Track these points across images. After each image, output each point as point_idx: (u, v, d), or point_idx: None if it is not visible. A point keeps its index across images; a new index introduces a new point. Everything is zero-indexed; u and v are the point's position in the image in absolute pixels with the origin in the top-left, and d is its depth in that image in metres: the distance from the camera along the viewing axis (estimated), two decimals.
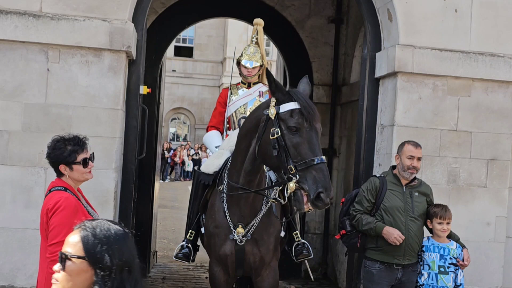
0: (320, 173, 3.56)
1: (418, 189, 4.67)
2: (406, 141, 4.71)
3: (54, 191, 3.40)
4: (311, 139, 3.65)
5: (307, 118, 3.66)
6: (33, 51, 4.95)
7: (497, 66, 5.59)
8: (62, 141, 3.45)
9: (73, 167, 3.42)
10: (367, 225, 4.55)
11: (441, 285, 4.54)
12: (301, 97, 3.76)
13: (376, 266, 4.60)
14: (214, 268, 4.47)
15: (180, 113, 34.77)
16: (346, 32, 8.51)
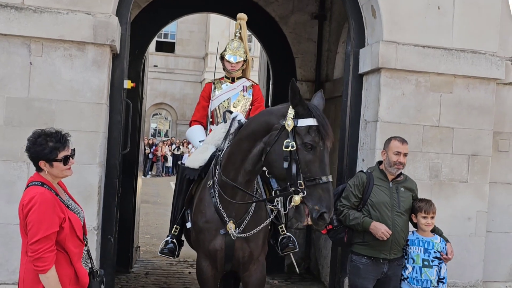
0: (326, 193, 3.62)
1: (404, 184, 4.72)
2: (392, 137, 4.74)
3: (30, 186, 3.35)
4: (323, 158, 3.69)
5: (323, 136, 3.69)
6: (15, 44, 4.88)
7: (478, 63, 5.66)
8: (44, 136, 3.37)
9: (53, 164, 3.35)
10: (354, 220, 4.58)
11: (425, 278, 4.60)
12: (320, 115, 3.76)
13: (363, 260, 4.63)
14: (202, 262, 4.44)
15: (161, 109, 34.61)
16: (329, 28, 8.55)
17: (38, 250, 3.18)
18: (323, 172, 3.65)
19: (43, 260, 3.18)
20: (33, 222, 3.20)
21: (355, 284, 4.71)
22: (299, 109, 3.76)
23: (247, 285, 4.48)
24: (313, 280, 8.11)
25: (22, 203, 3.29)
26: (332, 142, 3.78)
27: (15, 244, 4.87)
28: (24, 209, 3.26)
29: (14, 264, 4.88)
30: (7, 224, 4.88)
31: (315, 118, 3.71)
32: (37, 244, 3.18)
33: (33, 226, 3.20)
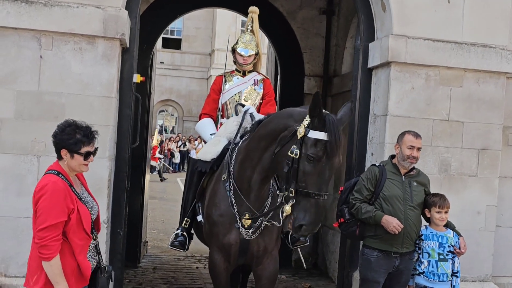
0: (313, 208, 3.58)
1: (417, 178, 4.70)
2: (406, 131, 4.72)
3: (47, 174, 3.38)
4: (323, 173, 3.65)
5: (328, 153, 3.63)
6: (25, 38, 4.89)
7: (488, 57, 5.64)
8: (74, 127, 3.39)
9: (74, 156, 3.36)
10: (366, 214, 4.56)
11: (441, 272, 4.59)
12: (333, 131, 3.66)
13: (374, 254, 4.61)
14: (215, 256, 4.43)
15: (168, 105, 34.63)
16: (337, 23, 8.53)
17: (44, 237, 3.22)
18: (318, 188, 3.62)
19: (48, 248, 3.21)
20: (42, 210, 3.24)
21: (366, 277, 4.70)
22: (314, 121, 3.71)
23: (260, 278, 4.47)
24: (321, 275, 8.11)
25: (35, 190, 3.32)
26: (339, 162, 3.71)
27: (25, 237, 4.89)
28: (35, 195, 3.30)
29: (24, 257, 4.86)
30: (17, 217, 4.90)
31: (326, 133, 3.65)
32: (45, 231, 3.21)
33: (42, 214, 3.24)
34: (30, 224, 4.82)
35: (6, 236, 4.89)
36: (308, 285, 7.55)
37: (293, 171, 3.67)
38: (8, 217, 4.88)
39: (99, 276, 3.50)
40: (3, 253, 4.91)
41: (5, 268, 4.90)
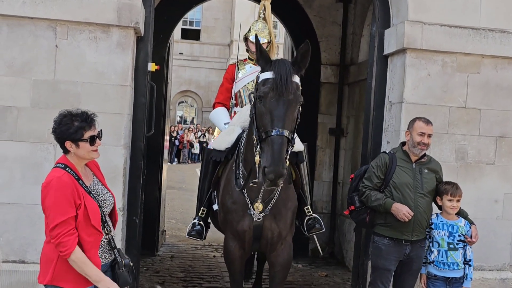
0: (270, 147, 3.49)
1: (428, 165, 4.67)
2: (417, 118, 4.69)
3: (54, 168, 3.32)
4: (273, 110, 3.59)
5: (276, 88, 3.60)
6: (41, 27, 4.94)
7: (507, 43, 5.54)
8: (69, 116, 3.32)
9: (79, 144, 3.28)
10: (376, 201, 4.55)
11: (451, 261, 4.57)
12: (281, 67, 3.66)
13: (385, 241, 4.61)
14: (230, 243, 4.45)
15: (187, 96, 34.75)
16: (354, 11, 8.46)
17: (57, 235, 3.16)
18: (272, 124, 3.54)
19: (63, 245, 3.15)
20: (49, 209, 3.19)
21: (377, 265, 4.69)
22: (261, 63, 3.78)
23: (274, 265, 4.48)
24: (337, 265, 8.11)
25: (42, 187, 3.27)
26: (293, 93, 3.63)
27: (43, 224, 4.86)
28: (42, 193, 3.25)
29: (41, 243, 4.94)
30: (34, 205, 4.94)
31: (272, 71, 3.66)
32: (56, 229, 3.16)
33: (50, 213, 3.19)
34: None
35: (24, 223, 4.96)
36: (324, 274, 7.56)
37: (253, 119, 3.73)
38: (25, 205, 4.95)
39: (117, 272, 3.41)
40: (21, 240, 4.99)
41: (23, 255, 4.98)
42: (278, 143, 3.48)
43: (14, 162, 4.95)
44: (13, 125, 4.93)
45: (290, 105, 3.63)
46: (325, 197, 8.59)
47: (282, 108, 3.59)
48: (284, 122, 3.56)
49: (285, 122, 3.57)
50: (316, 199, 8.50)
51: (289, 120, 3.61)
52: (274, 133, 3.50)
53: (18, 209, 4.95)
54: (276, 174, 3.43)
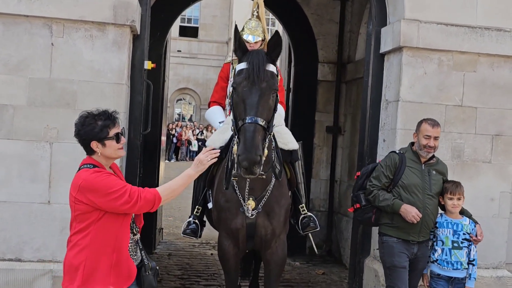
0: (242, 135, 3.50)
1: (436, 167, 4.63)
2: (424, 119, 4.65)
3: (82, 169, 3.20)
4: (246, 98, 3.62)
5: (248, 76, 3.63)
6: (37, 26, 4.93)
7: (503, 41, 5.54)
8: (91, 116, 3.23)
9: (106, 143, 3.19)
10: (384, 202, 4.50)
11: (454, 260, 4.54)
12: (254, 57, 3.70)
13: (394, 239, 4.56)
14: (224, 241, 4.45)
15: (185, 94, 34.74)
16: (351, 9, 8.46)
17: (133, 201, 3.06)
18: (245, 112, 3.57)
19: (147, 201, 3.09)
20: (102, 189, 3.07)
21: (392, 263, 4.57)
22: (238, 54, 3.82)
23: (269, 263, 4.48)
24: (335, 262, 8.12)
25: (79, 184, 3.11)
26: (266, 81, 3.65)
27: (39, 222, 4.98)
28: (79, 190, 3.09)
29: (38, 241, 4.99)
30: (31, 203, 4.97)
31: (246, 62, 3.70)
32: (119, 198, 3.05)
33: (105, 186, 3.06)
34: (44, 209, 4.96)
35: (20, 221, 4.96)
36: (321, 272, 7.57)
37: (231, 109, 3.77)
38: (22, 203, 4.95)
39: (143, 274, 3.36)
40: (18, 238, 4.99)
41: (20, 253, 4.98)
42: (251, 130, 3.50)
43: (11, 160, 4.95)
44: (9, 123, 4.93)
45: (264, 93, 3.67)
46: (322, 195, 8.61)
47: (255, 96, 3.62)
48: (257, 110, 3.59)
49: (258, 109, 3.60)
50: (314, 197, 8.52)
51: (263, 108, 3.64)
52: (247, 121, 3.54)
53: (15, 207, 4.96)
54: (249, 161, 3.42)
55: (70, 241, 3.20)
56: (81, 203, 3.11)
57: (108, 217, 3.13)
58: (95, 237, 3.12)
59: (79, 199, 3.11)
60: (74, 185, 3.15)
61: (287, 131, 4.84)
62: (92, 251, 3.11)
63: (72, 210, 3.19)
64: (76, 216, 3.16)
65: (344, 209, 8.24)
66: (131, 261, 3.29)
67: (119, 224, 3.18)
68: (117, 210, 3.12)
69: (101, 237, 3.13)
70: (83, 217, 3.13)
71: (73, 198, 3.14)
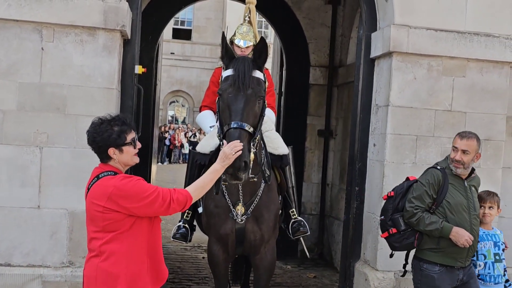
0: (228, 140, 3.50)
1: (473, 182, 4.27)
2: (460, 132, 4.31)
3: (104, 177, 3.10)
4: (231, 104, 3.64)
5: (234, 83, 3.67)
6: (27, 30, 4.92)
7: (492, 47, 5.58)
8: (107, 122, 3.14)
9: (123, 149, 3.12)
10: (432, 225, 4.03)
11: (497, 274, 4.30)
12: (239, 64, 3.73)
13: (436, 269, 4.11)
14: (214, 247, 4.45)
15: (178, 96, 34.72)
16: (343, 13, 8.49)
17: (165, 203, 3.03)
18: (230, 118, 3.60)
19: (178, 202, 3.07)
20: (136, 191, 3.01)
21: None
22: (225, 61, 3.87)
23: (258, 268, 4.50)
24: (326, 266, 8.14)
25: (109, 192, 3.00)
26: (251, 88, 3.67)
27: (29, 227, 4.97)
28: (115, 193, 3.00)
29: (28, 246, 4.98)
30: (21, 208, 4.96)
31: (232, 68, 3.73)
32: (153, 201, 3.01)
33: (138, 191, 3.01)
34: (34, 214, 4.95)
35: (10, 226, 4.95)
36: (313, 275, 7.59)
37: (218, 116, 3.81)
38: (11, 208, 4.94)
39: None
40: (8, 243, 4.98)
41: (9, 258, 4.97)
42: (235, 136, 3.51)
43: (0, 165, 4.94)
44: None
45: (249, 100, 3.68)
46: (314, 199, 8.63)
47: (240, 102, 3.64)
48: (242, 116, 3.60)
49: (243, 115, 3.61)
50: (305, 200, 8.54)
51: (248, 114, 3.65)
52: (232, 126, 3.55)
53: (4, 212, 4.94)
54: (234, 167, 3.41)
55: (101, 251, 3.08)
56: (113, 211, 3.03)
57: (140, 222, 3.09)
58: (130, 244, 3.07)
59: (110, 208, 3.02)
60: (101, 195, 3.05)
61: (277, 136, 4.85)
62: (129, 258, 3.07)
63: (98, 220, 3.07)
64: (105, 226, 3.05)
65: (335, 212, 8.27)
66: (163, 263, 3.28)
67: (150, 227, 3.15)
68: (151, 214, 3.10)
69: (136, 243, 3.09)
70: (115, 226, 3.05)
71: (101, 208, 3.03)
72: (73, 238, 5.02)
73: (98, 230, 3.08)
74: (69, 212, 5.00)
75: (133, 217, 3.07)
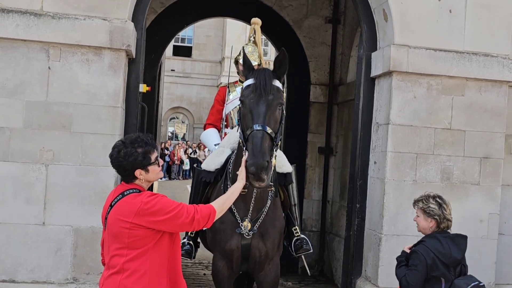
0: (251, 141, 3.59)
1: None
2: None
3: (130, 194, 3.15)
4: (253, 109, 3.73)
5: (255, 89, 3.77)
6: (34, 50, 5.02)
7: (490, 66, 5.68)
8: (130, 145, 3.19)
9: (149, 169, 3.19)
10: None
11: None
12: (261, 74, 3.85)
13: None
14: (219, 263, 4.49)
15: (178, 113, 34.86)
16: (343, 32, 8.61)
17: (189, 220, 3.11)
18: (253, 121, 3.68)
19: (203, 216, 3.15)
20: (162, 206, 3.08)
21: None
22: (245, 73, 3.97)
23: (262, 285, 4.52)
24: (327, 283, 8.15)
25: (137, 208, 3.06)
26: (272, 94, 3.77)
27: (34, 244, 5.02)
28: (143, 209, 3.07)
29: (32, 263, 5.02)
30: (26, 225, 5.01)
31: (253, 78, 3.84)
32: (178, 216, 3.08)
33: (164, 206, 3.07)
34: (39, 231, 5.01)
35: (15, 242, 5.00)
36: None
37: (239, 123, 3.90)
38: (17, 224, 5.00)
39: None
40: (13, 259, 5.02)
41: (14, 274, 5.01)
42: (258, 136, 3.58)
43: (6, 182, 5.00)
44: (5, 145, 4.99)
45: (270, 104, 3.77)
46: (314, 215, 8.67)
47: (262, 107, 3.73)
48: (264, 119, 3.69)
49: (265, 119, 3.69)
50: (306, 217, 8.58)
51: (269, 118, 3.73)
52: (255, 128, 3.63)
53: (10, 228, 4.99)
54: (257, 166, 3.46)
55: (124, 268, 3.11)
56: (141, 227, 3.08)
57: (162, 239, 3.15)
58: (153, 262, 3.12)
59: (138, 224, 3.07)
60: (128, 211, 3.10)
61: (281, 154, 4.92)
62: (152, 275, 3.12)
63: (124, 237, 3.10)
64: (130, 243, 3.10)
65: (336, 229, 8.31)
66: (182, 279, 3.31)
67: (171, 244, 3.21)
68: (177, 227, 3.15)
69: (158, 260, 3.14)
70: (140, 243, 3.10)
71: (128, 224, 3.08)
72: (78, 254, 5.07)
73: (123, 247, 3.11)
74: (74, 229, 5.05)
75: (158, 234, 3.13)
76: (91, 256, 5.04)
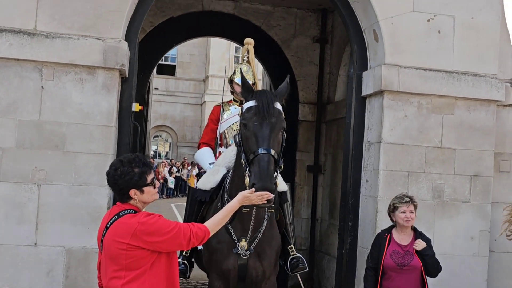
0: (256, 164, 3.63)
1: None
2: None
3: (126, 215, 3.13)
4: (258, 132, 3.77)
5: (259, 112, 3.81)
6: (27, 69, 4.99)
7: (479, 85, 5.78)
8: (127, 164, 3.18)
9: (144, 190, 3.18)
10: None
11: None
12: (263, 96, 3.90)
13: None
14: (215, 283, 4.47)
15: (162, 131, 34.75)
16: (330, 51, 8.70)
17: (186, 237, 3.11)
18: (257, 145, 3.71)
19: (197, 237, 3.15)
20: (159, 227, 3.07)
21: None
22: (245, 95, 4.02)
23: None
24: None
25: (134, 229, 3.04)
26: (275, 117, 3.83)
27: (25, 265, 4.94)
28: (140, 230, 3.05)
29: (24, 284, 4.94)
30: (17, 246, 4.94)
31: (254, 100, 3.88)
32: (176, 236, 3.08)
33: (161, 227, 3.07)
34: (31, 252, 4.94)
35: (6, 263, 4.92)
36: None
37: (240, 145, 3.92)
38: (8, 245, 4.92)
39: None
40: (3, 281, 4.92)
41: None
42: (265, 160, 3.63)
43: None
44: None
45: (274, 127, 3.82)
46: (303, 234, 8.67)
47: (266, 130, 3.77)
48: (269, 142, 3.73)
49: (270, 142, 3.74)
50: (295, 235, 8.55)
51: (274, 141, 3.78)
52: (260, 152, 3.66)
53: (0, 250, 4.92)
54: (266, 189, 3.51)
55: None
56: (137, 248, 3.06)
57: (160, 259, 3.14)
58: (152, 282, 3.11)
59: (135, 245, 3.05)
60: (125, 232, 3.07)
61: None
62: None
63: (121, 258, 3.08)
64: (128, 264, 3.07)
65: (325, 247, 8.31)
66: None
67: (169, 263, 3.20)
68: (174, 247, 3.17)
69: (157, 279, 3.13)
70: (138, 264, 3.08)
71: (125, 245, 3.05)
72: (70, 275, 5.00)
73: (120, 269, 3.09)
74: (66, 250, 4.99)
75: (155, 254, 3.12)
76: (84, 277, 4.98)
